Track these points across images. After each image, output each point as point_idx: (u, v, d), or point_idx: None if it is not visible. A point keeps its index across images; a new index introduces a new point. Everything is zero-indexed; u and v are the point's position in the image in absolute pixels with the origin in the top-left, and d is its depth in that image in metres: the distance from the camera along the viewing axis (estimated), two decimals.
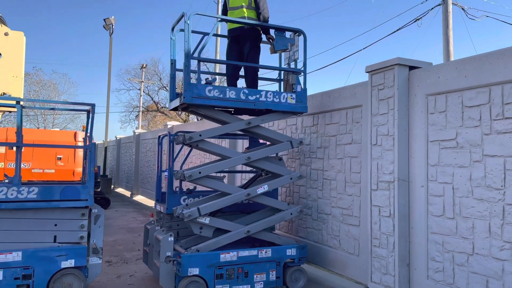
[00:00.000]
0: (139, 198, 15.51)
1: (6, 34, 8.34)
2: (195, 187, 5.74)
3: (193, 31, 5.00)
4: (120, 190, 19.17)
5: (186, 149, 9.75)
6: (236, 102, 4.84)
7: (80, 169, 10.14)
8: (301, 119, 6.30)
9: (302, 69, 5.26)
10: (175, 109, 5.10)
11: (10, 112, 8.76)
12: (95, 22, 59.74)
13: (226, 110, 5.22)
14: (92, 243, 4.72)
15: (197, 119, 36.46)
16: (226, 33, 5.75)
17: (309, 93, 5.93)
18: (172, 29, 5.22)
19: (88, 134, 5.00)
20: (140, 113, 34.67)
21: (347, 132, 5.37)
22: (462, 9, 11.63)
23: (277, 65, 5.69)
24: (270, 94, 5.02)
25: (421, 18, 12.24)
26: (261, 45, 5.66)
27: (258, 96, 4.95)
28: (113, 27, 17.23)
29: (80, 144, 10.01)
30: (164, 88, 38.07)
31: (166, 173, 5.49)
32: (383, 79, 4.62)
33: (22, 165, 9.75)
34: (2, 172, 9.00)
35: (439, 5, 11.65)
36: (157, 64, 37.75)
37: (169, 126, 12.10)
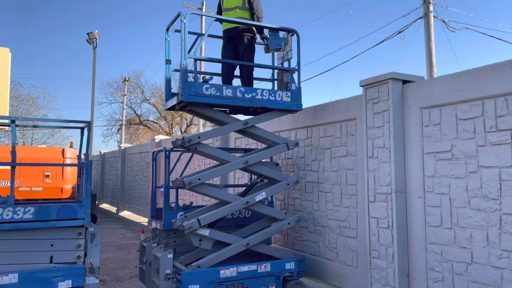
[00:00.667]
0: (125, 213, 15.28)
1: None
2: (191, 203, 5.72)
3: (189, 32, 5.06)
4: (105, 206, 18.84)
5: (181, 164, 9.70)
6: (233, 100, 4.91)
7: (68, 186, 9.95)
8: (295, 132, 6.37)
9: (296, 67, 5.37)
10: (171, 108, 5.14)
11: None
12: (76, 36, 59.12)
13: (221, 111, 5.27)
14: (88, 262, 4.64)
15: (181, 132, 36.03)
16: (214, 34, 5.82)
17: (304, 107, 6.00)
18: (167, 30, 5.28)
19: (84, 152, 4.94)
20: (123, 126, 34.30)
21: (342, 145, 5.45)
22: (443, 21, 12.01)
23: (271, 65, 5.79)
24: (266, 92, 5.11)
25: (403, 30, 12.58)
26: (255, 45, 5.75)
27: (254, 94, 5.03)
28: (97, 41, 17.12)
29: (69, 160, 9.85)
30: (147, 101, 37.86)
31: (162, 189, 5.46)
32: (378, 93, 4.73)
33: (8, 184, 9.54)
34: None
35: (421, 18, 12.00)
36: (139, 77, 37.63)
37: (156, 140, 12.01)
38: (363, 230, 4.99)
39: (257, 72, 5.69)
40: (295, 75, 5.37)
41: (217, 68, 5.51)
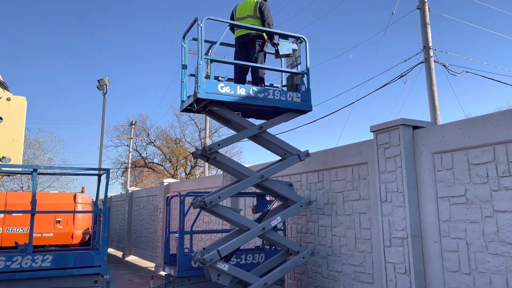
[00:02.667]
0: (132, 258, 15.08)
1: (8, 99, 8.47)
2: (204, 248, 5.70)
3: (205, 41, 5.30)
4: (110, 250, 18.60)
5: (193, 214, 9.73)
6: (246, 99, 5.14)
7: (79, 232, 9.94)
8: (306, 176, 6.45)
9: (306, 71, 5.62)
10: (187, 109, 5.35)
11: (8, 175, 8.69)
12: (82, 79, 60.64)
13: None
14: None
15: (186, 174, 35.99)
16: (226, 42, 6.09)
17: (310, 151, 6.15)
18: (183, 37, 5.59)
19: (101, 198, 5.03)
20: (129, 169, 34.47)
21: (354, 189, 5.51)
22: (444, 66, 12.35)
23: (281, 69, 6.01)
24: (278, 93, 5.35)
25: (405, 74, 12.90)
26: (266, 53, 5.99)
27: (266, 94, 5.27)
28: (107, 87, 17.60)
29: (81, 206, 9.89)
30: (152, 144, 38.24)
31: (176, 235, 5.48)
32: (388, 138, 4.85)
33: (20, 230, 9.55)
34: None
35: (422, 62, 12.35)
36: (145, 120, 38.22)
37: (165, 184, 12.08)
38: (379, 275, 4.95)
39: (267, 79, 5.94)
40: (304, 79, 5.62)
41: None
